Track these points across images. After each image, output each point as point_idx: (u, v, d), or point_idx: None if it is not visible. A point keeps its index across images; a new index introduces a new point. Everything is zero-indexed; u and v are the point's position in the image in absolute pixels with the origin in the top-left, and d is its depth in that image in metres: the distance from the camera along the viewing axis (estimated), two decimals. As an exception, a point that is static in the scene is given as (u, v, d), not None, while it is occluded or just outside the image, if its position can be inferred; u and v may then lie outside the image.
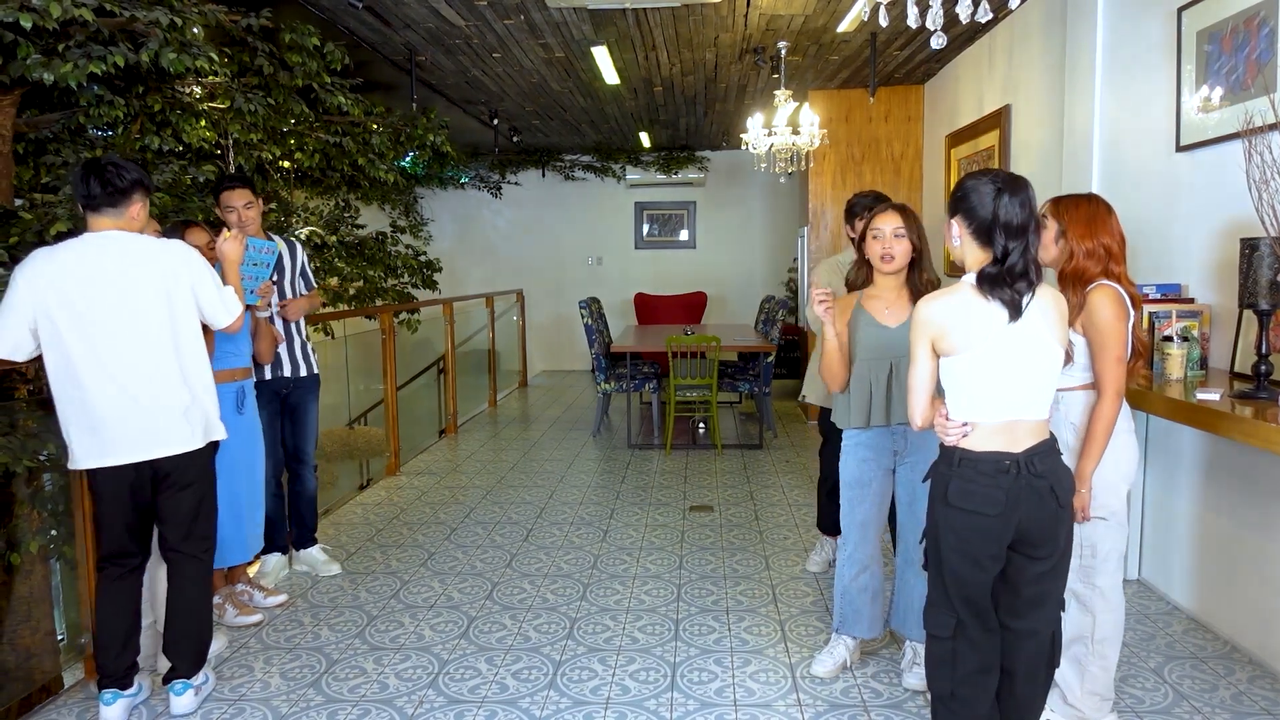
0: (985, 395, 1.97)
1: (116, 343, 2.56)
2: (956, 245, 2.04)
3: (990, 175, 1.99)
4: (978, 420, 1.98)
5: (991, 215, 1.94)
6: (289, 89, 4.88)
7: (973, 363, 1.96)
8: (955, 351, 1.98)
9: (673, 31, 5.62)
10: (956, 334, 1.97)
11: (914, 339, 2.04)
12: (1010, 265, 1.93)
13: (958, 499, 1.98)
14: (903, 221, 2.70)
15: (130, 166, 2.62)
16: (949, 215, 2.06)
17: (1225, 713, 2.66)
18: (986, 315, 1.96)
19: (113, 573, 2.70)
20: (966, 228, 2.00)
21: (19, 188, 3.84)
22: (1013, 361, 1.96)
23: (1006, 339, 1.95)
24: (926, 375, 2.04)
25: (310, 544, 4.00)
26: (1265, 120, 2.68)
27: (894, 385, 2.72)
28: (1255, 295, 2.58)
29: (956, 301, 1.99)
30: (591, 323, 7.00)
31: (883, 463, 2.84)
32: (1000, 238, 1.93)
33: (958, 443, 2.00)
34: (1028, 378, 1.97)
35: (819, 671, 2.94)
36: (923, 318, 2.01)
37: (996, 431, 1.97)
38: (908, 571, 2.90)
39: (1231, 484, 3.14)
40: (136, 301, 2.58)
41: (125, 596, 2.71)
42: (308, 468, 3.96)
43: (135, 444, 2.59)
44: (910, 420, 2.09)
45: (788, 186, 10.28)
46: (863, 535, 2.90)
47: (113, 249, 2.58)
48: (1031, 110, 4.99)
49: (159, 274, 2.62)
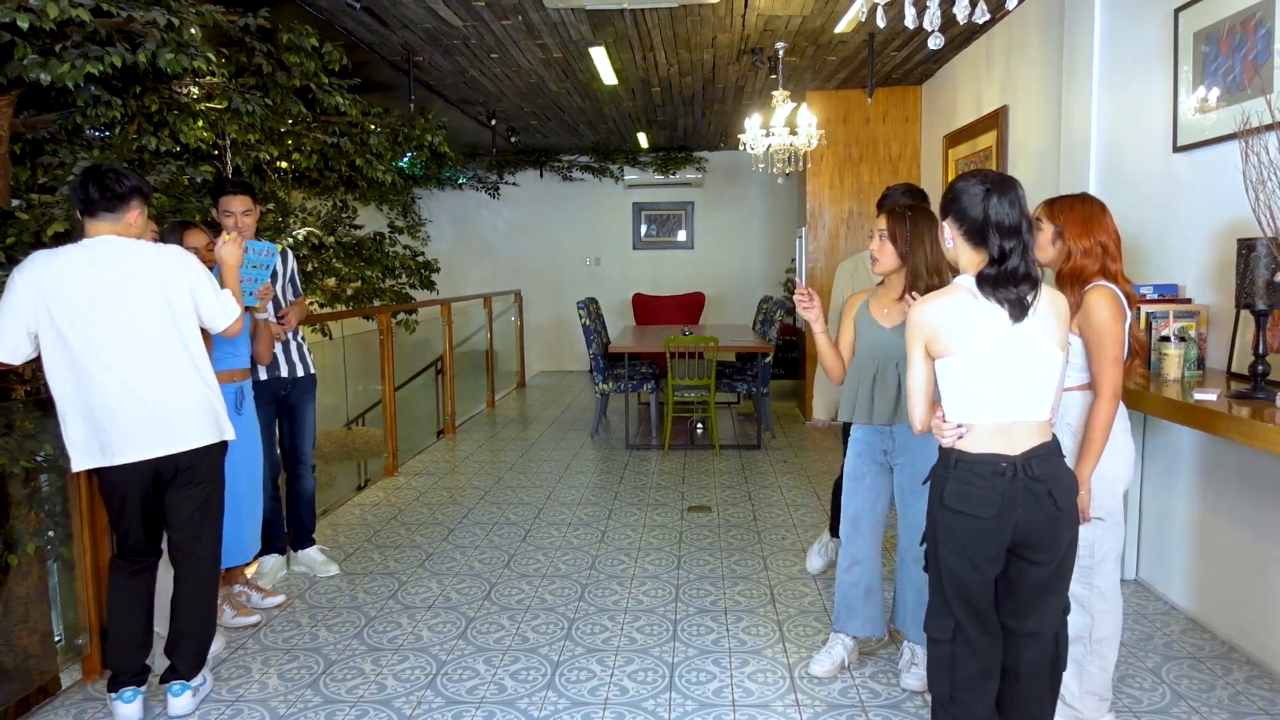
0: (982, 397, 1.97)
1: (120, 344, 2.57)
2: (949, 247, 2.05)
3: (979, 176, 1.99)
4: (974, 422, 1.98)
5: (983, 216, 1.94)
6: (286, 89, 4.87)
7: (967, 364, 1.96)
8: (949, 353, 1.98)
9: (670, 32, 5.62)
10: (950, 336, 1.97)
11: (909, 341, 2.05)
12: (1011, 267, 1.93)
13: (953, 501, 1.98)
14: (888, 225, 2.70)
15: (129, 173, 2.63)
16: (940, 217, 2.06)
17: (1223, 712, 2.66)
18: (983, 316, 1.96)
19: (126, 569, 2.71)
20: (958, 229, 2.00)
21: (16, 188, 3.84)
22: (1011, 363, 1.96)
23: (1006, 340, 1.95)
24: (922, 378, 2.04)
25: (308, 545, 4.00)
26: (1262, 121, 2.69)
27: (878, 386, 2.73)
28: (1252, 295, 2.58)
29: (951, 303, 1.99)
30: (589, 323, 7.00)
31: (875, 459, 2.86)
32: (995, 238, 1.94)
33: (954, 444, 2.00)
34: (1026, 379, 1.97)
35: (816, 671, 2.94)
36: (915, 320, 2.02)
37: (994, 433, 1.97)
38: (903, 571, 2.91)
39: (1229, 484, 3.15)
40: (137, 304, 2.59)
41: (139, 593, 2.72)
42: (306, 468, 3.96)
43: (145, 442, 2.61)
44: (910, 422, 2.10)
45: (786, 187, 10.28)
46: (854, 529, 2.92)
47: (112, 253, 2.58)
48: (1029, 111, 5.00)
49: (157, 279, 2.63)
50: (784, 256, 10.78)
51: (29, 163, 4.00)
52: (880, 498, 2.89)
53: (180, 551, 2.75)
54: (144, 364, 2.60)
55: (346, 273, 6.99)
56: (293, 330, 3.79)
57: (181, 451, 2.66)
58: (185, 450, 2.66)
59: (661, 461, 6.14)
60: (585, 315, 7.00)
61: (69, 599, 3.50)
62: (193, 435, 2.68)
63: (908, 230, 2.66)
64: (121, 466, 2.60)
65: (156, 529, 2.75)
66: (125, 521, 2.68)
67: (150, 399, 2.60)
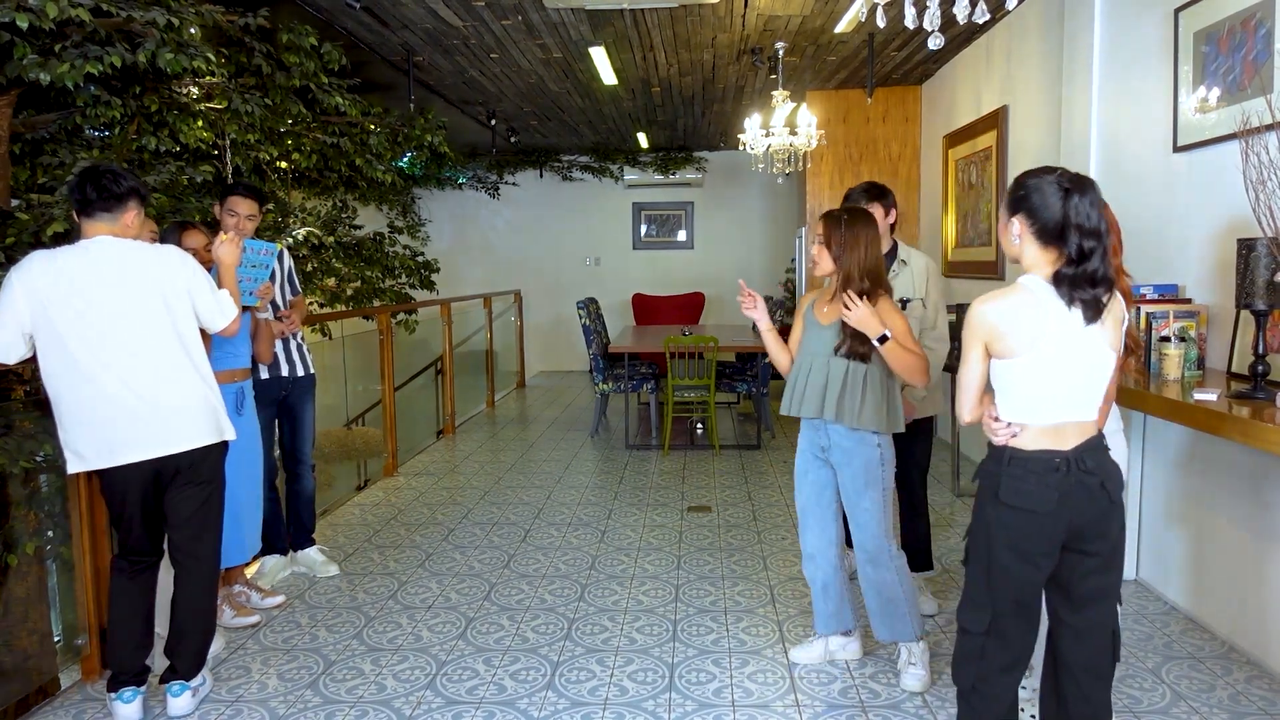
0: (1040, 398, 1.95)
1: (119, 344, 2.57)
2: (1015, 244, 1.99)
3: (1055, 175, 1.94)
4: (1029, 422, 1.96)
5: (1061, 216, 1.90)
6: (286, 89, 4.87)
7: (1030, 366, 1.93)
8: (1013, 354, 1.94)
9: (670, 32, 5.62)
10: (1017, 337, 1.93)
11: (967, 339, 2.00)
12: (1092, 269, 1.89)
13: (1010, 497, 1.96)
14: (823, 230, 2.79)
15: (127, 174, 2.63)
16: (1008, 213, 1.99)
17: (1223, 713, 2.66)
18: (1050, 318, 1.92)
19: (127, 569, 2.71)
20: (1029, 227, 1.95)
21: (16, 188, 3.83)
22: (1073, 365, 1.93)
23: (1071, 342, 1.92)
24: (978, 376, 2.01)
25: (308, 545, 4.00)
26: (1262, 121, 2.69)
27: (810, 382, 2.82)
28: (1252, 295, 2.58)
29: (1017, 304, 1.94)
30: (589, 323, 7.00)
31: (815, 454, 2.91)
32: (1075, 238, 1.89)
33: (1006, 442, 1.99)
34: (1085, 381, 1.95)
35: (795, 658, 3.04)
36: (977, 319, 1.97)
37: (1048, 432, 1.96)
38: (860, 572, 2.89)
39: (1229, 484, 3.14)
40: (135, 305, 2.59)
41: (140, 593, 2.72)
42: (305, 468, 3.96)
43: (146, 442, 2.61)
44: (958, 416, 2.07)
45: (785, 187, 10.29)
46: (803, 524, 2.98)
47: (109, 254, 2.58)
48: (1029, 111, 5.00)
49: (154, 279, 2.63)
50: (784, 256, 10.78)
51: (29, 163, 4.00)
52: (824, 492, 2.92)
53: (180, 552, 2.75)
54: (143, 364, 2.60)
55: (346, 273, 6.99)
56: (296, 330, 3.79)
57: (182, 452, 2.65)
58: (185, 450, 2.66)
59: (661, 461, 6.14)
60: (585, 315, 7.00)
61: (68, 599, 3.50)
62: (193, 435, 2.68)
63: (842, 235, 2.75)
64: (123, 467, 2.60)
65: (157, 529, 2.74)
66: (126, 522, 2.68)
67: (150, 399, 2.59)
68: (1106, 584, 2.04)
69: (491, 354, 9.00)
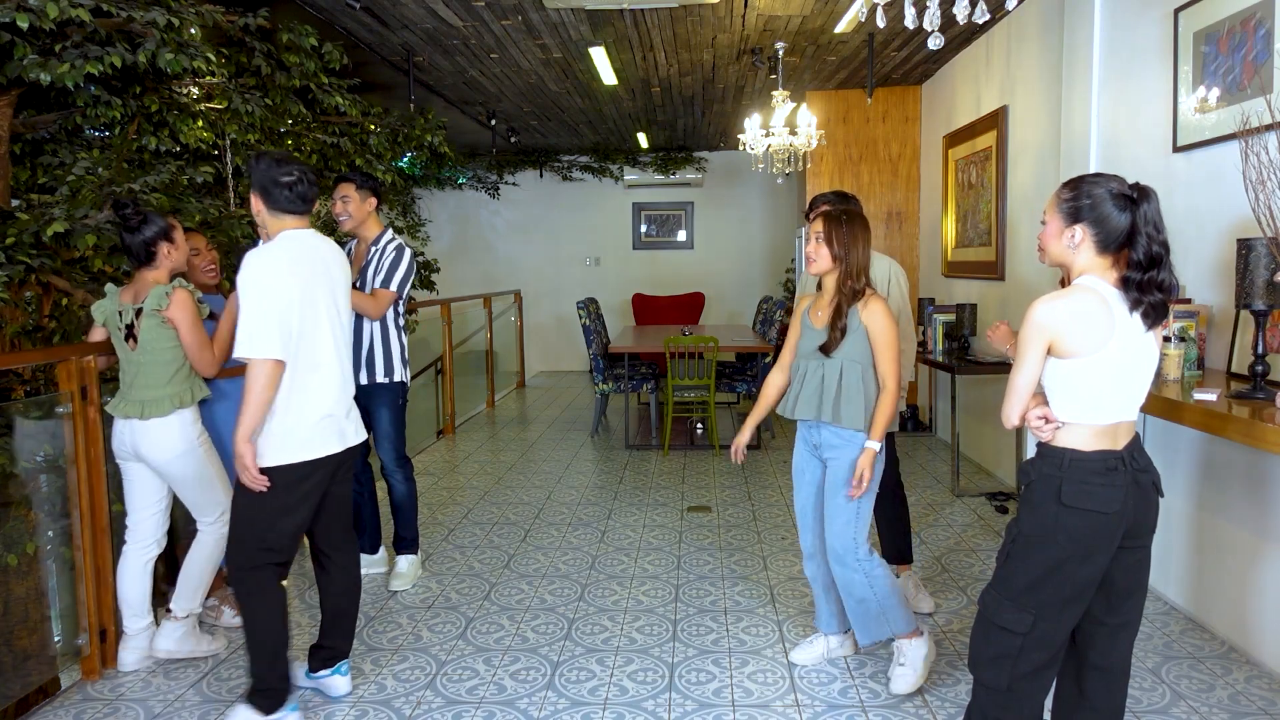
0: (1100, 399, 1.96)
1: (335, 334, 2.65)
2: (1069, 248, 2.00)
3: (1115, 183, 1.96)
4: (1088, 422, 1.97)
5: (1129, 225, 1.93)
6: (286, 89, 4.88)
7: (1092, 367, 1.94)
8: (1075, 355, 1.94)
9: (670, 32, 5.62)
10: (1083, 338, 1.93)
11: (1027, 339, 1.98)
12: (1160, 277, 1.92)
13: (1075, 500, 1.96)
14: (824, 228, 2.77)
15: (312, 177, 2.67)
16: (1068, 220, 1.98)
17: (1223, 712, 2.66)
18: (1116, 321, 1.93)
19: (275, 575, 2.60)
20: (1092, 233, 1.96)
21: (16, 188, 3.84)
22: (1132, 367, 1.96)
23: (1132, 345, 1.95)
24: (1034, 378, 2.00)
25: (407, 550, 3.85)
26: (1262, 121, 2.69)
27: (804, 383, 2.83)
28: (1252, 295, 2.58)
29: (1086, 302, 1.94)
30: (589, 323, 7.00)
31: (811, 454, 2.93)
32: (1144, 244, 1.92)
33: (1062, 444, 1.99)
34: (1143, 382, 1.99)
35: (795, 658, 3.04)
36: (1040, 320, 1.96)
37: (1103, 433, 1.97)
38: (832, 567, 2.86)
39: (1229, 484, 3.15)
40: (337, 296, 2.68)
41: (283, 597, 2.66)
42: (391, 473, 3.81)
43: (351, 432, 2.72)
44: (1006, 418, 2.06)
45: (785, 187, 10.29)
46: (801, 523, 2.99)
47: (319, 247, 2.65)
48: (1029, 111, 5.00)
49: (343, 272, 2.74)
50: (784, 256, 10.79)
51: (29, 163, 4.00)
52: (822, 491, 2.93)
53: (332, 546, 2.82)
54: (348, 354, 2.73)
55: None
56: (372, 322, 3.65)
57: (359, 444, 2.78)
58: (359, 443, 2.78)
59: (661, 462, 6.14)
60: (585, 315, 7.00)
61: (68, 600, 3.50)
62: (362, 429, 2.81)
63: (844, 233, 2.75)
64: (329, 456, 2.61)
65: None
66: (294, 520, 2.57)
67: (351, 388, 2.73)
68: (1143, 578, 2.08)
69: (491, 354, 9.00)
